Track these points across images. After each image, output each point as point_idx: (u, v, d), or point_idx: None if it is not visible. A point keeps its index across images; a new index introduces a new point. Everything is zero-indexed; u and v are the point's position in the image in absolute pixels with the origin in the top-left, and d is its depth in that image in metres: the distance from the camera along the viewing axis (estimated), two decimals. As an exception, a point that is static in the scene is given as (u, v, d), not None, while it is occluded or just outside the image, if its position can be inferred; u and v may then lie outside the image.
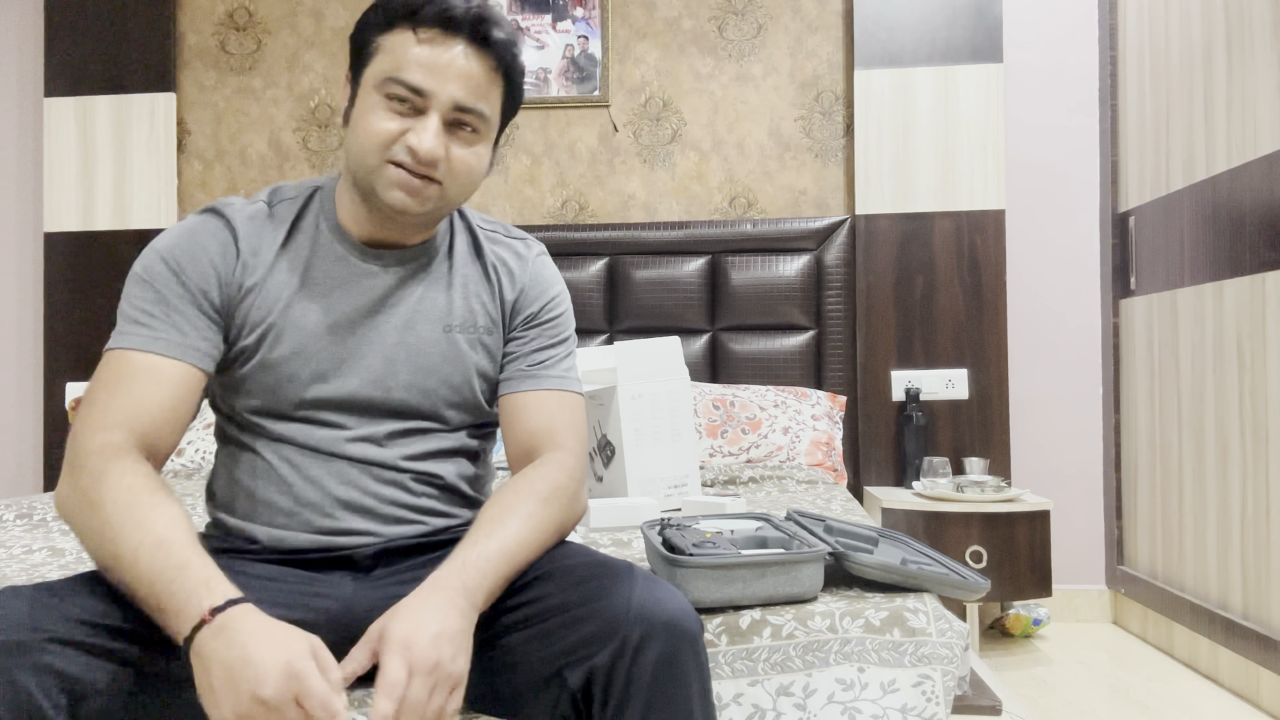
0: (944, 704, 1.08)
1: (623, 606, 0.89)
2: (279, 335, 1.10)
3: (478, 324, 1.17)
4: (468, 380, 1.15)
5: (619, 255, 2.94)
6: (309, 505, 1.08)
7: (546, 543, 1.04)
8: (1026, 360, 2.96)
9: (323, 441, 1.10)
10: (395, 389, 1.12)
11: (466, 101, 1.05)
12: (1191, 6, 2.44)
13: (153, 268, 1.07)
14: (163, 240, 1.09)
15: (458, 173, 1.08)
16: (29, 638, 0.83)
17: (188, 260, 1.07)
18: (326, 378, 1.10)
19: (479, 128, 1.08)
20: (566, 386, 1.19)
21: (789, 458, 2.51)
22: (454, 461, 1.16)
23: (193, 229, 1.10)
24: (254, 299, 1.10)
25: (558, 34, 3.04)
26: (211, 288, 1.08)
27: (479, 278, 1.19)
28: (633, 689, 0.88)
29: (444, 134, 1.06)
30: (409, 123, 1.05)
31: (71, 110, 3.05)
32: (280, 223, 1.13)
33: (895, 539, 1.40)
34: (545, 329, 1.20)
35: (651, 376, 1.93)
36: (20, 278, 3.17)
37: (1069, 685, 2.31)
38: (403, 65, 1.04)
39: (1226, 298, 2.27)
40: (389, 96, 1.05)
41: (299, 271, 1.12)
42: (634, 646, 0.88)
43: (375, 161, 1.05)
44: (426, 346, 1.14)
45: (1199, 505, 2.41)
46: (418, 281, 1.15)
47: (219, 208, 1.12)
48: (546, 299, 1.21)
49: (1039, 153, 2.97)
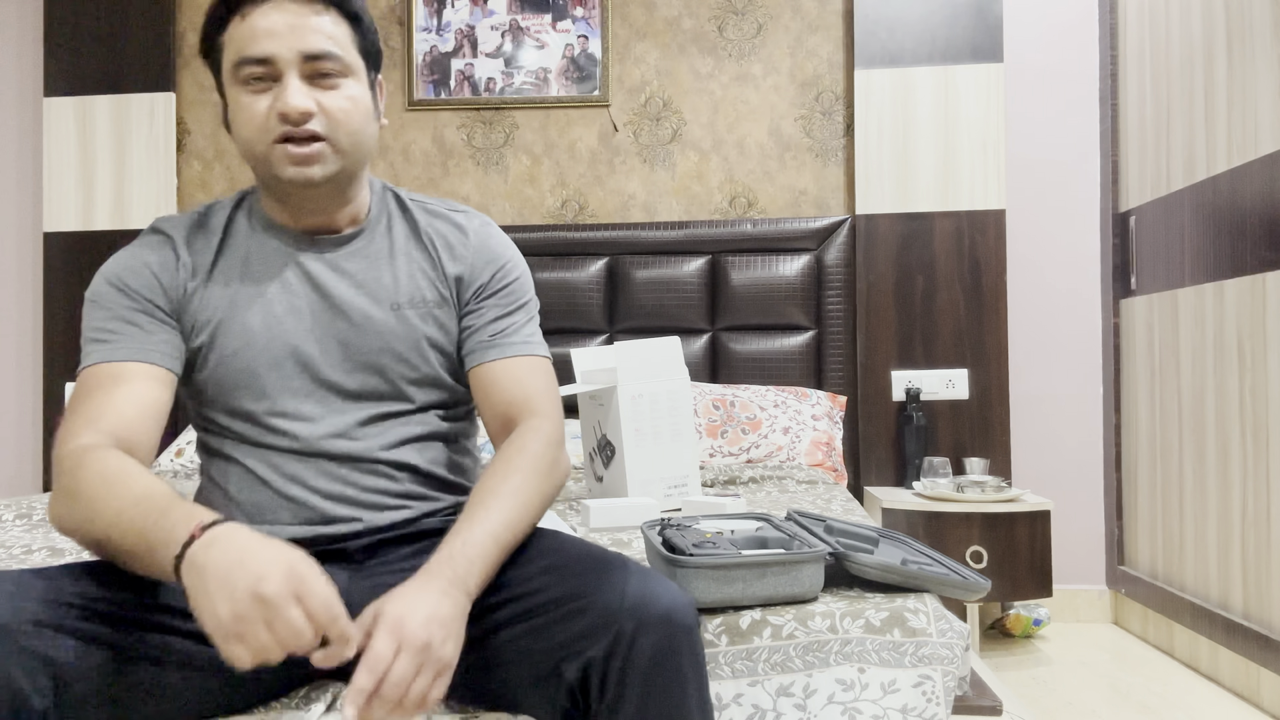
0: (944, 704, 1.07)
1: (616, 599, 0.90)
2: (227, 331, 1.13)
3: (426, 298, 1.18)
4: (423, 355, 1.17)
5: (619, 255, 2.94)
6: (293, 500, 1.11)
7: (534, 517, 1.06)
8: (1026, 360, 2.96)
9: (296, 441, 1.12)
10: (353, 370, 1.14)
11: (311, 48, 1.06)
12: (1191, 6, 2.44)
13: (100, 291, 1.12)
14: (107, 265, 1.15)
15: (337, 119, 1.08)
16: (11, 621, 0.83)
17: (130, 276, 1.12)
18: (282, 366, 1.13)
19: (339, 70, 1.09)
20: (532, 351, 1.20)
21: (789, 458, 2.50)
22: (428, 447, 1.18)
23: (131, 250, 1.15)
24: (200, 300, 1.14)
25: (557, 34, 3.04)
26: (158, 295, 1.12)
27: (420, 254, 1.20)
28: (628, 681, 0.88)
29: (307, 88, 1.07)
30: (273, 96, 1.07)
31: (71, 110, 3.05)
32: (214, 228, 1.18)
33: (896, 539, 1.39)
34: (500, 297, 1.20)
35: (651, 376, 1.93)
36: (20, 278, 3.17)
37: (1069, 685, 2.31)
38: (243, 46, 1.07)
39: (1227, 298, 2.27)
40: (246, 82, 1.07)
41: (238, 268, 1.16)
42: (628, 638, 0.88)
43: (262, 147, 1.07)
44: (377, 326, 1.15)
45: (1199, 505, 2.41)
46: (359, 264, 1.17)
47: (156, 224, 1.18)
48: (496, 268, 1.21)
49: (1039, 152, 2.97)
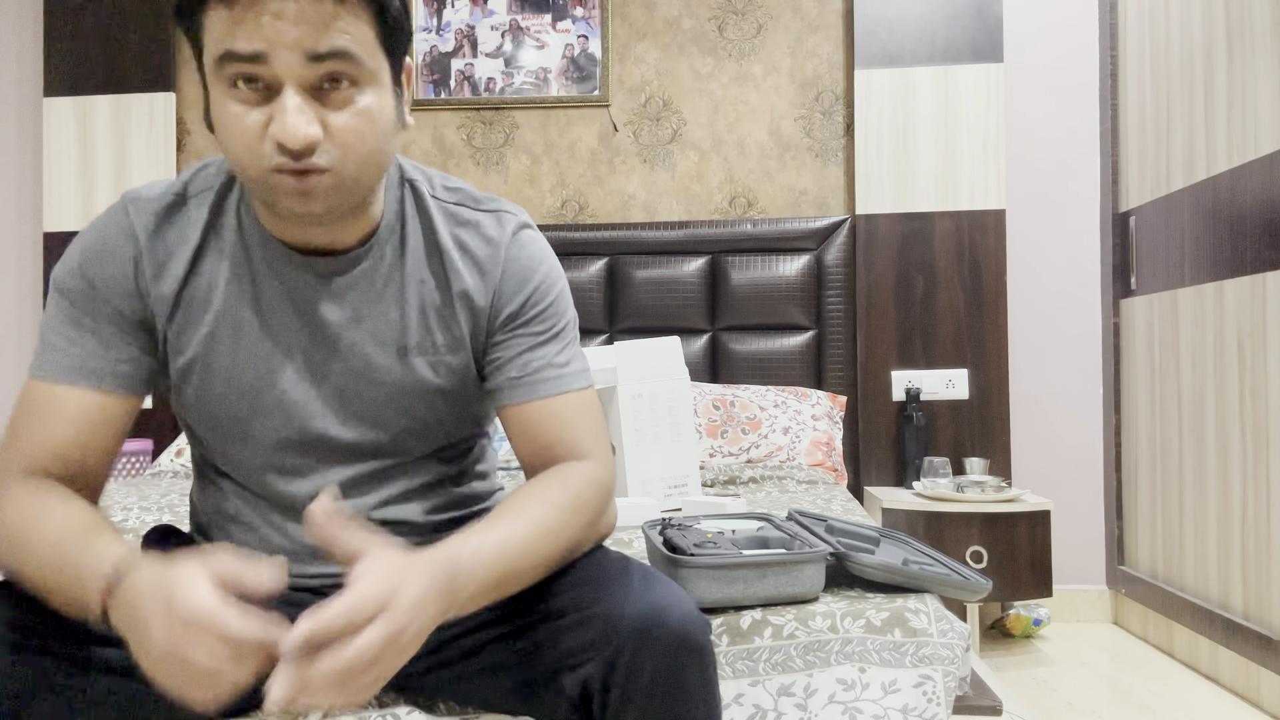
0: (945, 704, 1.07)
1: (617, 612, 0.83)
2: (207, 369, 0.97)
3: (437, 343, 0.99)
4: (431, 408, 1.01)
5: (619, 255, 2.94)
6: (277, 549, 1.01)
7: (555, 555, 0.90)
8: (1026, 360, 2.96)
9: (283, 494, 1.00)
10: (348, 422, 0.99)
11: (320, 47, 0.81)
12: (1192, 6, 2.44)
13: (65, 282, 0.95)
14: (76, 246, 0.96)
15: (348, 144, 0.85)
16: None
17: (96, 270, 0.94)
18: (269, 415, 0.97)
19: (355, 75, 0.84)
20: (572, 385, 1.00)
21: (789, 458, 2.50)
22: (430, 495, 1.04)
23: (101, 232, 0.96)
24: (170, 320, 0.96)
25: (557, 34, 3.04)
26: (125, 301, 0.95)
27: (436, 279, 0.99)
28: (628, 701, 0.82)
29: (310, 105, 0.83)
30: (268, 109, 0.83)
31: (71, 110, 3.05)
32: (193, 222, 0.96)
33: (897, 539, 1.39)
34: (533, 324, 1.00)
35: (651, 376, 1.93)
36: (20, 278, 3.17)
37: (1069, 685, 2.31)
38: (227, 37, 0.82)
39: (1227, 298, 2.27)
40: (232, 84, 0.83)
41: (220, 289, 0.96)
42: (629, 656, 0.82)
43: (256, 174, 0.85)
44: (379, 374, 0.98)
45: (1199, 505, 2.41)
46: (363, 294, 0.97)
47: (126, 201, 0.97)
48: (528, 292, 1.00)
49: (1039, 152, 2.97)
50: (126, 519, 1.72)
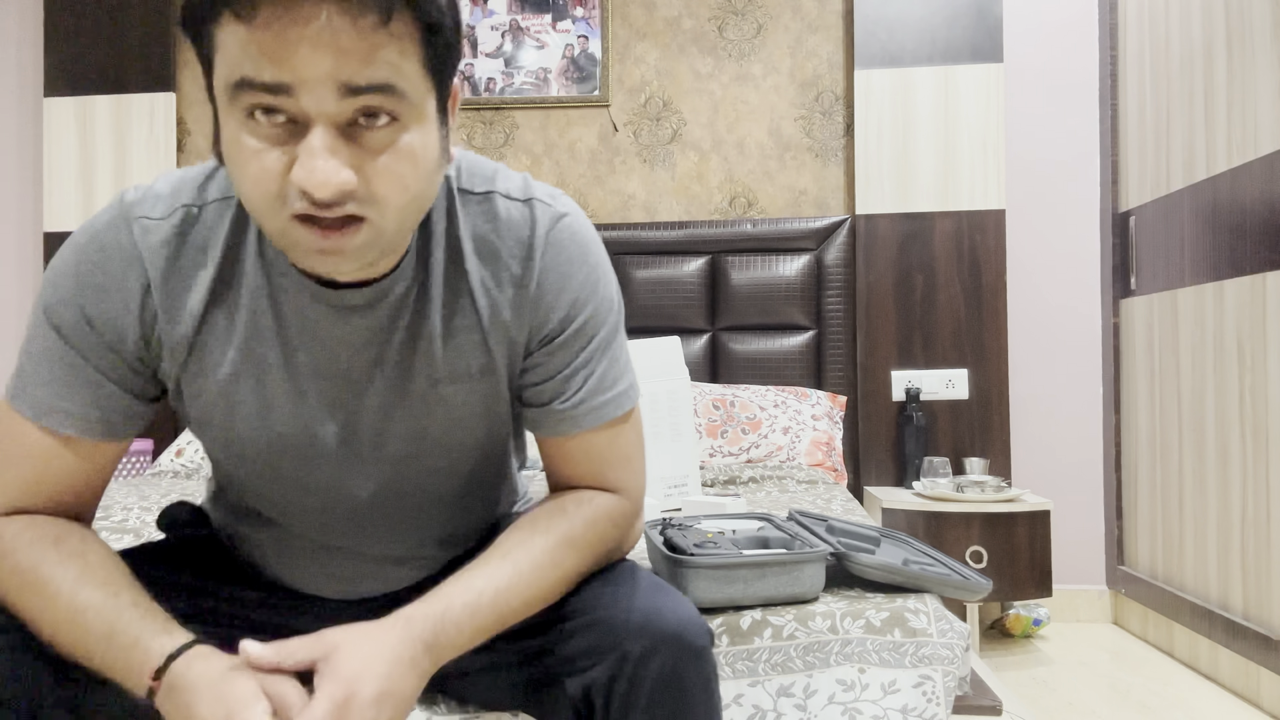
0: (945, 704, 1.08)
1: (621, 618, 0.84)
2: (230, 412, 0.88)
3: (470, 370, 0.90)
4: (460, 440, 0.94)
5: (619, 255, 2.94)
6: (297, 576, 0.99)
7: (550, 591, 0.87)
8: (1026, 360, 2.96)
9: (300, 537, 0.96)
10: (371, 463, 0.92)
11: (357, 79, 0.68)
12: (1191, 6, 2.44)
13: (57, 313, 0.83)
14: (72, 268, 0.83)
15: (387, 193, 0.72)
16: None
17: (97, 305, 0.82)
18: (299, 453, 0.90)
19: (397, 110, 0.71)
20: (609, 415, 0.92)
21: (789, 458, 2.51)
22: (454, 516, 1.01)
23: (104, 255, 0.83)
24: (190, 364, 0.86)
25: (557, 34, 3.04)
26: (129, 347, 0.84)
27: (465, 298, 0.89)
28: (631, 706, 0.83)
29: (344, 145, 0.70)
30: (291, 150, 0.70)
31: (71, 110, 3.05)
32: (210, 246, 0.84)
33: (897, 539, 1.40)
34: (570, 344, 0.91)
35: (651, 376, 1.93)
36: (20, 278, 3.17)
37: (1069, 685, 2.31)
38: (245, 61, 0.68)
39: (1227, 298, 2.27)
40: (249, 114, 0.70)
41: (241, 324, 0.85)
42: (634, 661, 0.82)
43: (274, 223, 0.73)
44: (407, 410, 0.90)
45: (1199, 505, 2.41)
46: (391, 325, 0.87)
47: (131, 221, 0.83)
48: (565, 309, 0.89)
49: (1039, 153, 2.97)
50: (127, 519, 1.72)
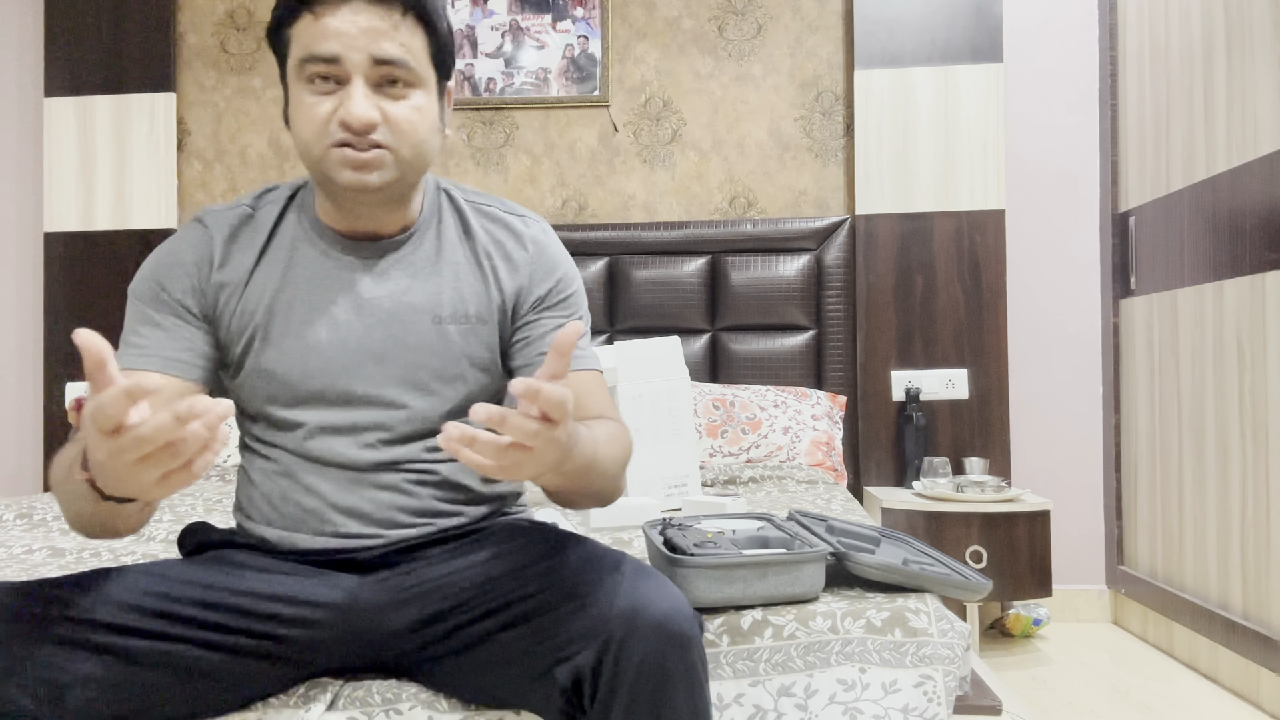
0: (945, 704, 1.08)
1: (607, 605, 0.89)
2: (265, 339, 1.11)
3: (469, 313, 1.14)
4: (461, 373, 1.14)
5: (619, 255, 2.94)
6: (310, 512, 1.10)
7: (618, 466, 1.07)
8: (1026, 360, 2.96)
9: (317, 448, 1.10)
10: (386, 384, 1.11)
11: (382, 54, 1.02)
12: (1191, 6, 2.44)
13: (137, 288, 1.11)
14: (151, 257, 1.14)
15: (401, 130, 1.04)
16: (5, 634, 0.86)
17: (165, 274, 1.11)
18: (313, 378, 1.10)
19: (408, 79, 1.05)
20: (592, 365, 1.17)
21: (789, 458, 2.51)
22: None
23: (174, 242, 1.13)
24: (237, 304, 1.12)
25: (558, 34, 3.04)
26: (189, 297, 1.11)
27: (469, 263, 1.16)
28: (615, 690, 0.87)
29: (373, 96, 1.03)
30: (337, 100, 1.03)
31: (71, 110, 3.05)
32: (262, 225, 1.14)
33: (897, 539, 1.40)
34: (558, 309, 1.17)
35: (651, 376, 1.93)
36: (20, 278, 3.17)
37: (1069, 685, 2.31)
38: (311, 43, 1.02)
39: (1226, 298, 2.28)
40: (310, 80, 1.03)
41: (279, 272, 1.13)
42: (616, 646, 0.87)
43: (319, 150, 1.04)
44: (415, 340, 1.12)
45: (1199, 505, 2.41)
46: (403, 272, 1.13)
47: (201, 216, 1.15)
48: (554, 279, 1.18)
49: (1039, 153, 2.97)
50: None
